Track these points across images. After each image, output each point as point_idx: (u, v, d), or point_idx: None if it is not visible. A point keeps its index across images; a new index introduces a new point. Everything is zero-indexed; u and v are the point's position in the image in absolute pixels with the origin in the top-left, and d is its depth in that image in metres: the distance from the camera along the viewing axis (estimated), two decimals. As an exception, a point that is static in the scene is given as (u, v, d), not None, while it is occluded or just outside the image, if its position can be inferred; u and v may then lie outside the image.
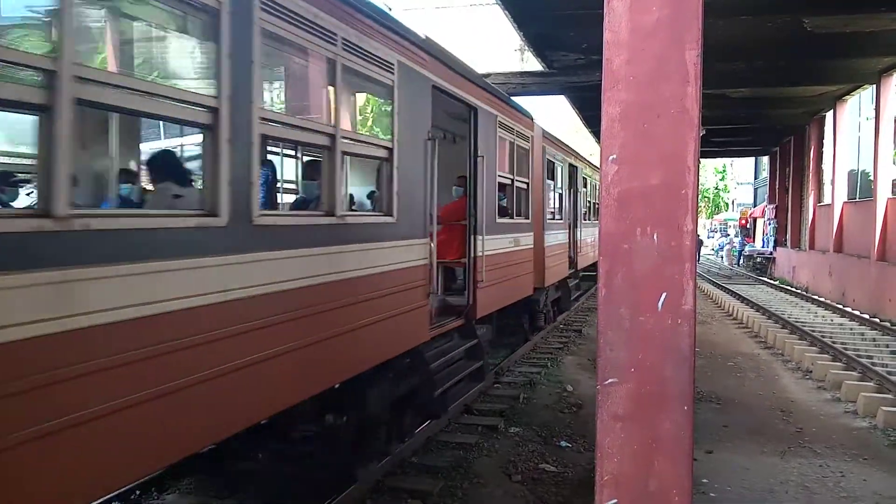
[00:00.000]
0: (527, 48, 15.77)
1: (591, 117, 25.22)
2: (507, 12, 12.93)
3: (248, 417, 3.87)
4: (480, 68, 16.51)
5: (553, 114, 40.67)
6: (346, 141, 4.96)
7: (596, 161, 20.00)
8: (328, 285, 4.55)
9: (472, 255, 7.75)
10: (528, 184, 10.48)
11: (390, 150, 5.56)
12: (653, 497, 2.82)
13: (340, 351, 4.77)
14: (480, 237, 7.81)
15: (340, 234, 4.76)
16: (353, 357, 4.97)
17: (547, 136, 12.74)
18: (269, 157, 6.85)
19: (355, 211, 6.53)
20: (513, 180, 9.60)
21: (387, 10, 6.10)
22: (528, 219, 10.62)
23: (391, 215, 5.59)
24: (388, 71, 5.46)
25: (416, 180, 6.11)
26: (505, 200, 9.39)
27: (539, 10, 12.76)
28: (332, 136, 4.71)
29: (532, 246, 10.62)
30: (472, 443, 7.11)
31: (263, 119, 3.92)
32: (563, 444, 7.28)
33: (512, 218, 9.59)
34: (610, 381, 2.86)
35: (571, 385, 9.75)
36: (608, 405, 2.87)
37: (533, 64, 16.49)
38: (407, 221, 5.87)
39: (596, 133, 28.02)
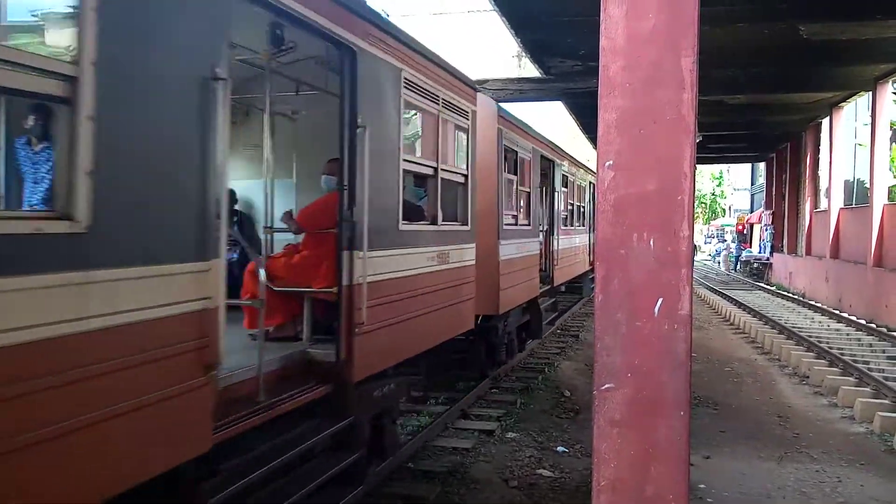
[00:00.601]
0: (524, 54, 15.82)
1: (588, 124, 25.28)
2: (504, 18, 12.97)
3: None
4: (477, 74, 16.57)
5: (551, 120, 40.83)
6: None
7: (583, 162, 19.94)
8: None
9: (345, 282, 4.88)
10: (466, 177, 7.62)
11: (69, 81, 2.63)
12: (650, 502, 2.83)
13: None
14: (360, 254, 4.94)
15: None
16: None
17: (506, 118, 9.86)
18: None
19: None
20: (436, 170, 6.73)
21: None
22: (467, 224, 7.67)
23: (72, 218, 2.65)
24: None
25: (168, 150, 3.21)
26: (426, 199, 7.03)
27: (536, 16, 12.80)
28: None
29: (474, 261, 7.83)
30: (468, 448, 7.10)
31: None
32: (561, 449, 7.28)
33: (435, 224, 6.70)
34: (606, 386, 2.87)
35: (569, 390, 9.75)
36: (605, 410, 2.87)
37: (530, 70, 16.53)
38: (129, 229, 2.97)
39: (593, 139, 28.06)
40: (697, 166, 3.12)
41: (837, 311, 18.31)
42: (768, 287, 27.45)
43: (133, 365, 2.92)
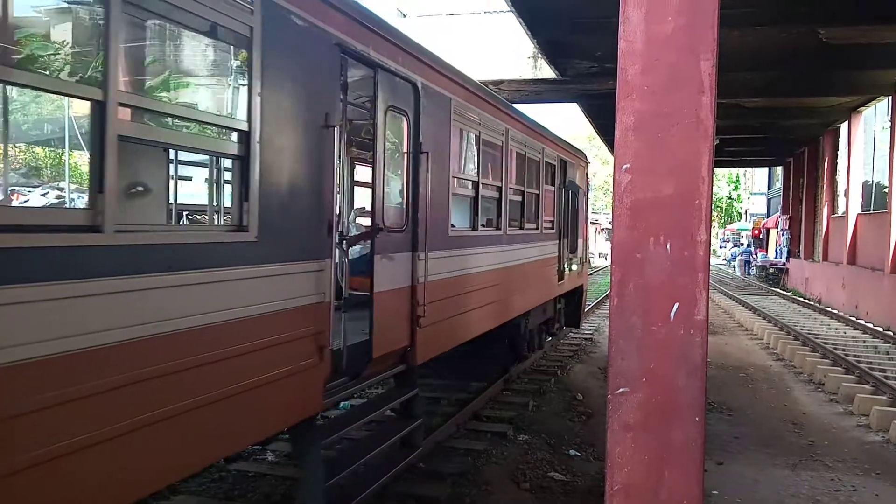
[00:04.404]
0: (540, 55, 15.79)
1: (604, 125, 25.19)
2: (520, 19, 12.95)
3: None
4: (493, 75, 16.57)
5: (567, 121, 40.75)
6: None
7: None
8: None
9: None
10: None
11: None
12: (663, 508, 2.81)
13: None
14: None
15: None
16: None
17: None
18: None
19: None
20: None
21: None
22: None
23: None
24: None
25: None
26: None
27: (553, 17, 12.78)
28: None
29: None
30: (480, 449, 7.09)
31: None
32: (573, 452, 7.25)
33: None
34: (621, 390, 2.86)
35: (581, 393, 9.72)
36: (619, 414, 2.86)
37: (546, 72, 16.50)
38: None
39: (609, 141, 27.97)
40: (714, 170, 3.06)
41: (854, 318, 18.13)
42: (784, 293, 27.23)
43: None
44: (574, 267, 12.60)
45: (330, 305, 4.36)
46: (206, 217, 5.71)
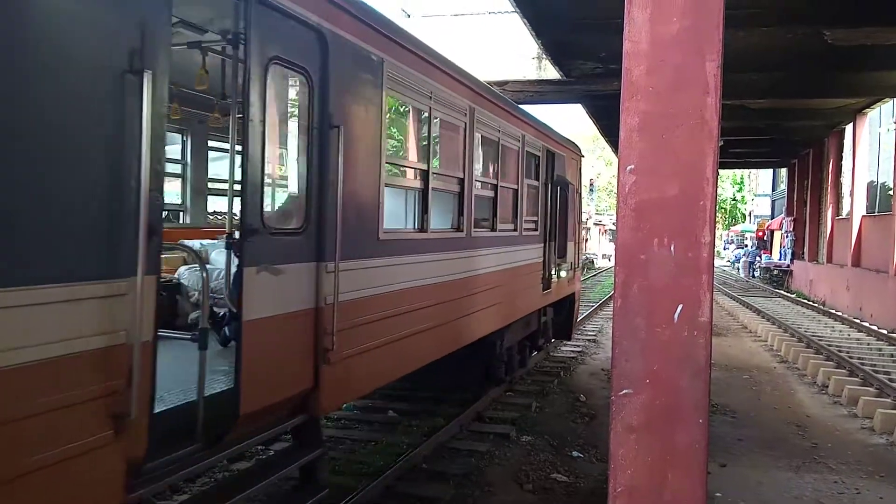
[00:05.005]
0: (544, 56, 15.76)
1: (608, 126, 25.12)
2: (525, 20, 12.93)
3: None
4: (497, 76, 16.57)
5: (571, 121, 40.71)
6: None
7: None
8: None
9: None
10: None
11: None
12: (666, 510, 2.81)
13: None
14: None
15: None
16: None
17: None
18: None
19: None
20: None
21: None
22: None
23: None
24: None
25: None
26: None
27: (557, 17, 12.75)
28: None
29: None
30: (483, 450, 7.09)
31: None
32: (576, 454, 7.24)
33: None
34: (624, 391, 2.85)
35: (584, 395, 9.71)
36: (622, 416, 2.86)
37: (550, 72, 16.47)
38: None
39: (613, 142, 27.94)
40: (719, 171, 3.02)
41: (858, 321, 18.08)
42: (788, 295, 27.17)
43: None
44: (563, 273, 11.01)
45: (135, 349, 2.84)
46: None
